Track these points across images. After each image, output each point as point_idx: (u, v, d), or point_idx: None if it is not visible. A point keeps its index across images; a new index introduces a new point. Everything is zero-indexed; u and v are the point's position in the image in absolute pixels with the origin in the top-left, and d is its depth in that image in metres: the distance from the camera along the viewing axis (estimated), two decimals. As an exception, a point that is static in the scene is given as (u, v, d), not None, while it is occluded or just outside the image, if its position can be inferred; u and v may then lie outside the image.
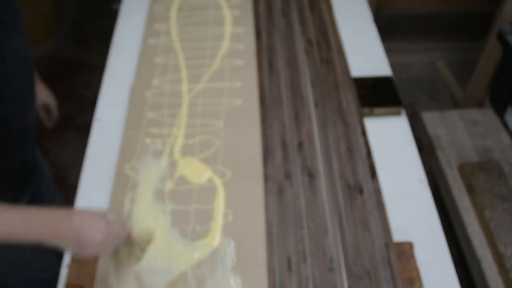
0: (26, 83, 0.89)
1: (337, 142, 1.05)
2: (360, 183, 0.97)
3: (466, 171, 1.53)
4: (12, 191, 0.91)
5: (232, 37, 1.29)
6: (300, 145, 1.04)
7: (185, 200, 0.94)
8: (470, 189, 1.50)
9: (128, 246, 0.83)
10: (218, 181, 0.97)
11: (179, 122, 1.08)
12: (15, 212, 0.67)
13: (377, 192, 0.95)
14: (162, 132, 1.06)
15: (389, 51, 1.38)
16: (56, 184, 1.96)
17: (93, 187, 0.99)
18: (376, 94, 1.16)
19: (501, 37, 1.68)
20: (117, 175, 0.98)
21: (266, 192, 0.95)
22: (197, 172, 0.98)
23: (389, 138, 1.09)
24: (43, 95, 1.13)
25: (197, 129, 1.07)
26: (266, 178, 0.97)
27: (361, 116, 1.10)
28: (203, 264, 0.84)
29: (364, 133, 1.07)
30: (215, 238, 0.87)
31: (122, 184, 0.96)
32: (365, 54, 1.29)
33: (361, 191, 0.95)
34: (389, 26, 2.27)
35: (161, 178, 0.97)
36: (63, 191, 1.91)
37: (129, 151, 1.02)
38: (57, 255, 1.01)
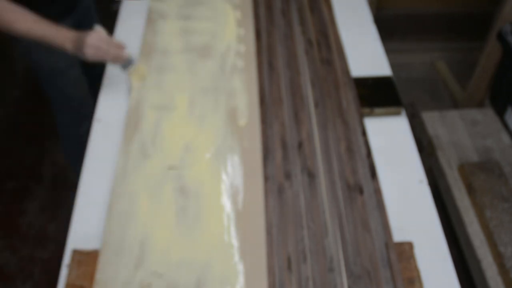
0: None
1: (337, 142, 1.05)
2: (360, 183, 0.97)
3: (466, 171, 1.53)
4: (58, 10, 1.20)
5: (232, 37, 1.29)
6: (300, 145, 1.04)
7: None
8: (470, 189, 1.50)
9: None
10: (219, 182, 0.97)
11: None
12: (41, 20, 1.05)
13: (377, 192, 0.95)
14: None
15: (389, 51, 1.38)
16: (56, 184, 1.96)
17: (93, 187, 0.99)
18: (376, 94, 1.16)
19: (501, 37, 1.68)
20: (117, 174, 0.98)
21: (266, 192, 0.95)
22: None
23: (389, 138, 1.09)
24: None
25: (196, 129, 1.07)
26: (266, 178, 0.97)
27: (361, 116, 1.10)
28: (204, 264, 0.84)
29: (364, 133, 1.06)
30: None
31: (121, 180, 0.96)
32: (365, 54, 1.29)
33: (361, 191, 0.95)
34: (389, 26, 2.27)
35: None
36: (63, 191, 1.92)
37: (129, 150, 1.02)
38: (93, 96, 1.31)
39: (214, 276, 0.83)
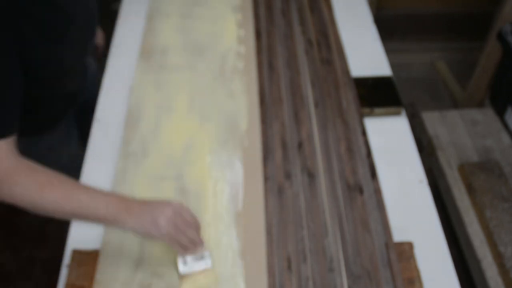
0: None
1: (337, 142, 1.05)
2: (360, 183, 0.97)
3: (466, 171, 1.53)
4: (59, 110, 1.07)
5: (233, 38, 1.29)
6: (300, 145, 1.04)
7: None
8: (470, 189, 1.50)
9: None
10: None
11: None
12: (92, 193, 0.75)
13: (377, 192, 0.95)
14: (162, 132, 1.06)
15: (389, 51, 1.38)
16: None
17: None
18: (376, 94, 1.16)
19: (501, 37, 1.68)
20: (117, 174, 0.98)
21: (266, 192, 0.95)
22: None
23: (389, 138, 1.09)
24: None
25: (196, 129, 1.07)
26: (266, 178, 0.97)
27: (361, 116, 1.10)
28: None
29: (364, 133, 1.07)
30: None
31: (121, 180, 0.96)
32: (365, 54, 1.29)
33: (361, 191, 0.95)
34: (389, 26, 2.27)
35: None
36: (63, 191, 1.91)
37: (129, 150, 1.02)
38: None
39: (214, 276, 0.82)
